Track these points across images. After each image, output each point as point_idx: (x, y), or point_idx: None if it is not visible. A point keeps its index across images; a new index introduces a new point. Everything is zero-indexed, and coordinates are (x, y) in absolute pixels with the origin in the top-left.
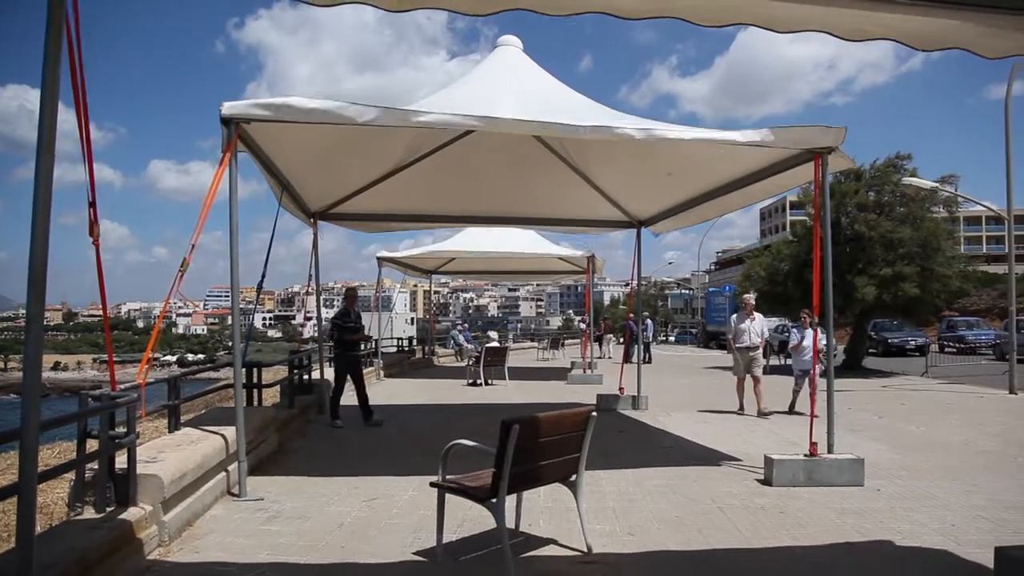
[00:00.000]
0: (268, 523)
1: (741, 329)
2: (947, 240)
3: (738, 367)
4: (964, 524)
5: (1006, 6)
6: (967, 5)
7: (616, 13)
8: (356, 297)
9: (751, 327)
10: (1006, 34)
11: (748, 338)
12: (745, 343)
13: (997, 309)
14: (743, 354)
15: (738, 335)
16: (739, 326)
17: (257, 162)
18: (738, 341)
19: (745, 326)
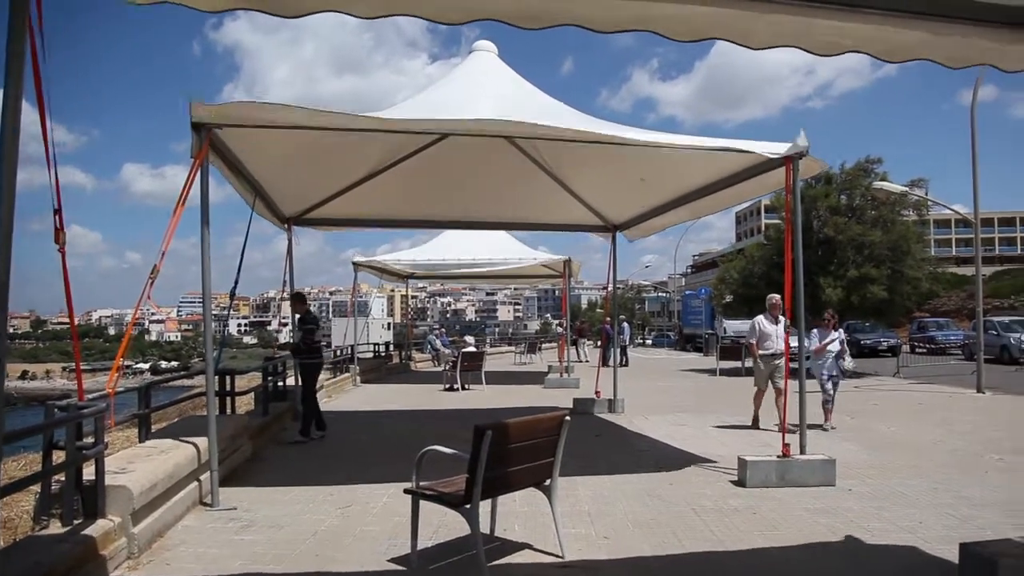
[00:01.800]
0: (241, 532)
1: (767, 333)
2: (917, 243)
3: (760, 376)
4: (932, 521)
5: (968, 17)
6: (932, 16)
7: (590, 26)
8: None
9: (778, 331)
10: (968, 44)
11: (774, 344)
12: (771, 349)
13: (966, 310)
14: (767, 362)
15: (763, 340)
16: (764, 329)
17: (227, 169)
18: (762, 347)
19: (771, 330)
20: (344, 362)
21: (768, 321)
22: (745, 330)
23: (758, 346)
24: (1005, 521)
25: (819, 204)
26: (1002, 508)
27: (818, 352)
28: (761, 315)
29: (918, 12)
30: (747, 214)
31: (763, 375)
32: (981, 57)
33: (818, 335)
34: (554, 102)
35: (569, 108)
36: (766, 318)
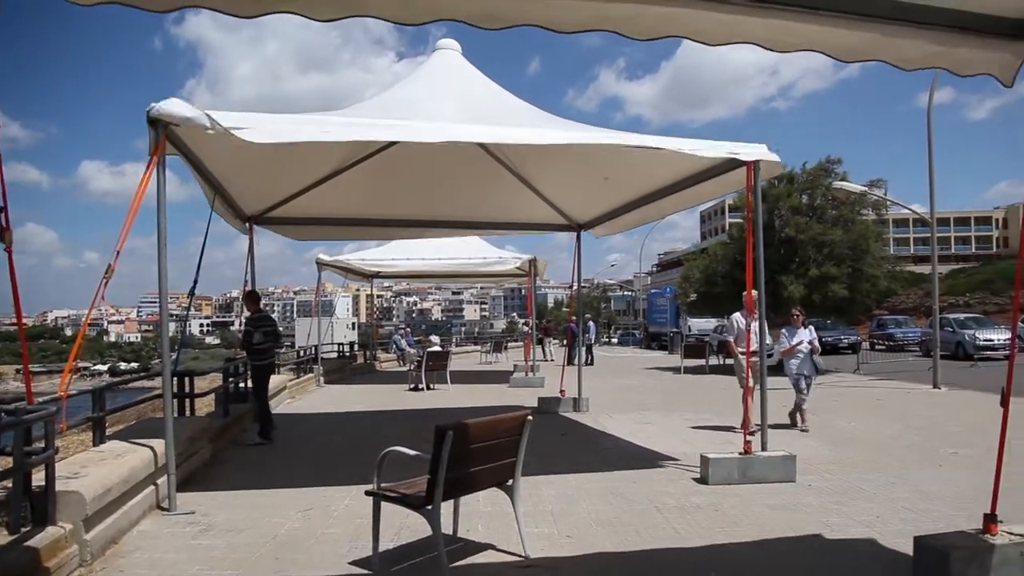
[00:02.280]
0: (199, 537)
1: (743, 331)
2: (876, 242)
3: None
4: (889, 515)
5: (919, 20)
6: (885, 19)
7: (550, 26)
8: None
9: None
10: (919, 47)
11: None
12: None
13: (923, 308)
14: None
15: (741, 338)
16: (742, 327)
17: (189, 165)
18: (741, 345)
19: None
20: (307, 362)
21: (745, 317)
22: (709, 328)
23: (737, 344)
24: (958, 513)
25: (781, 204)
26: (955, 501)
27: (787, 352)
28: (738, 312)
29: (871, 15)
30: (711, 213)
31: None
32: (934, 61)
33: (787, 334)
34: (518, 102)
35: (533, 108)
36: (743, 315)
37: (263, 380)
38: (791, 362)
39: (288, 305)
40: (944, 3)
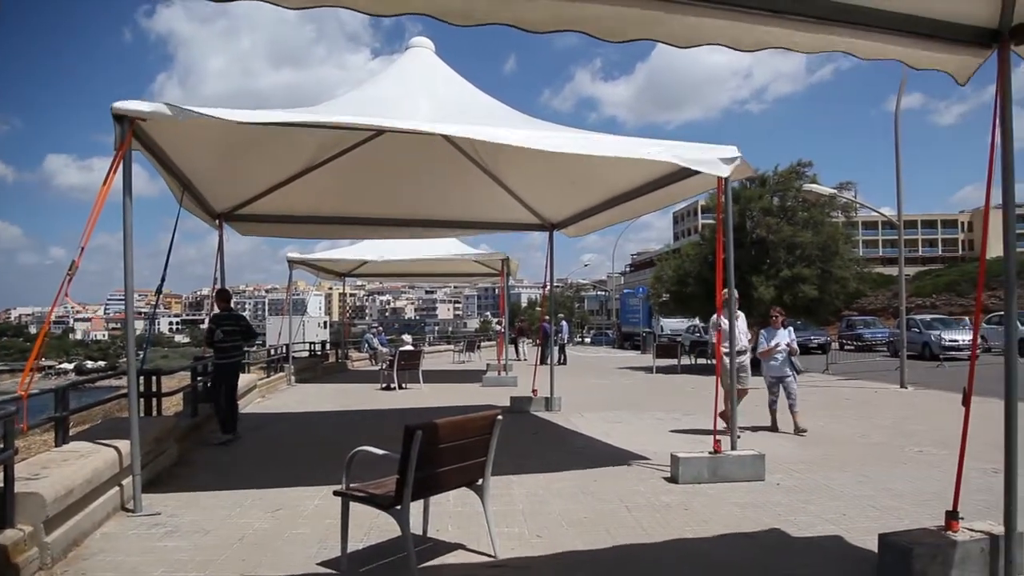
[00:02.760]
0: (164, 539)
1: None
2: (845, 244)
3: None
4: (855, 513)
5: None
6: (847, 23)
7: (521, 26)
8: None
9: (740, 327)
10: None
11: (738, 340)
12: (736, 347)
13: (891, 308)
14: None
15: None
16: (725, 327)
17: (155, 161)
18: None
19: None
20: (278, 361)
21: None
22: (681, 328)
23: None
24: (922, 511)
25: (753, 205)
26: (920, 499)
27: (765, 354)
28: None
29: (836, 20)
30: (684, 214)
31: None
32: (891, 55)
33: (766, 335)
34: (491, 101)
35: (507, 107)
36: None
37: (223, 379)
38: (769, 364)
39: (260, 303)
40: (906, 10)
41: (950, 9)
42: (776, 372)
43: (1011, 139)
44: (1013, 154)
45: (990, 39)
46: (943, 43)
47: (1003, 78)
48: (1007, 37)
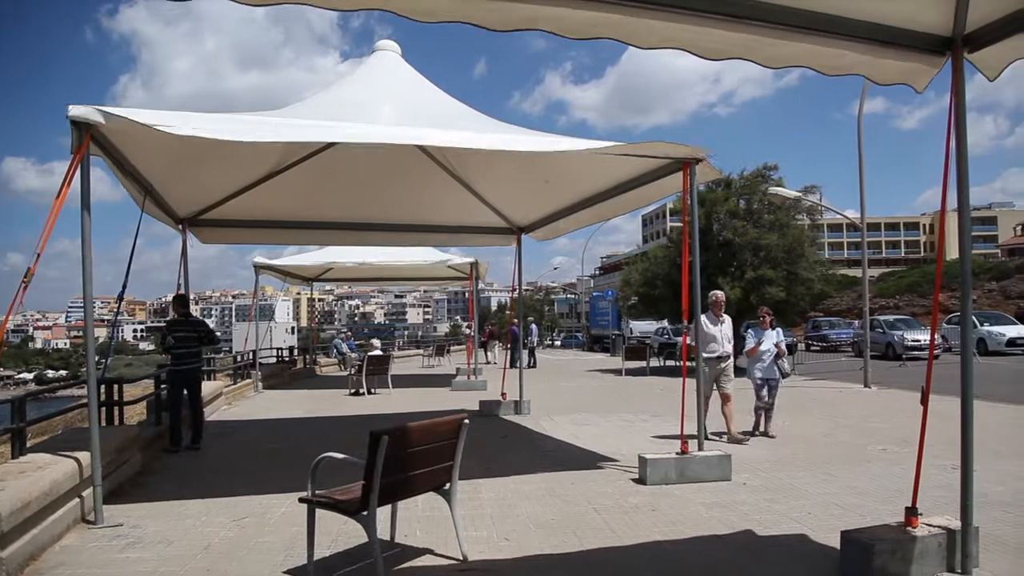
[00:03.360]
0: (126, 550)
1: (710, 334)
2: (810, 246)
3: (720, 380)
4: (819, 511)
5: (843, 33)
6: (812, 30)
7: (481, 24)
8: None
9: (722, 331)
10: (843, 56)
11: (720, 345)
12: (716, 352)
13: (856, 309)
14: (712, 365)
15: (706, 341)
16: (707, 330)
17: (114, 166)
18: (706, 349)
19: (715, 330)
20: (245, 368)
21: (711, 321)
22: (650, 331)
23: (701, 348)
24: (884, 508)
25: (719, 208)
26: (882, 495)
27: (751, 353)
28: (704, 315)
29: (797, 27)
30: (653, 217)
31: (708, 380)
32: (855, 68)
33: (754, 336)
34: (458, 104)
35: (473, 111)
36: (708, 317)
37: (179, 386)
38: (755, 365)
39: (226, 309)
40: (865, 17)
41: (906, 17)
42: (765, 374)
43: (965, 144)
44: (967, 159)
45: (944, 47)
46: (900, 50)
47: (957, 84)
48: (960, 44)
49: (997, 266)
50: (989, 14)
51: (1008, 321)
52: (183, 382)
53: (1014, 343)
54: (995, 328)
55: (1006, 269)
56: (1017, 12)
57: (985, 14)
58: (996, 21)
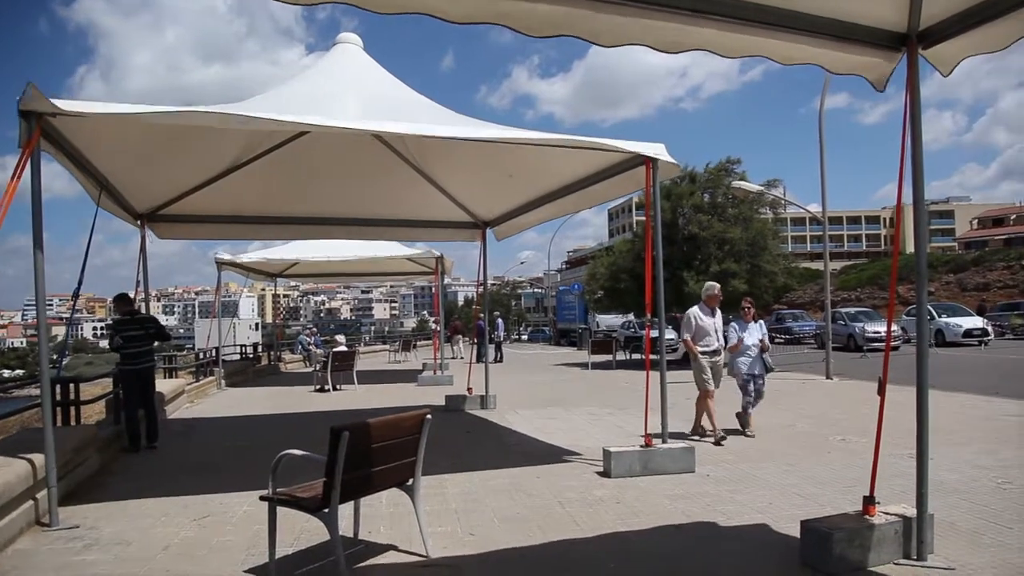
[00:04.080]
0: (83, 552)
1: (704, 327)
2: (773, 239)
3: (714, 377)
4: (780, 501)
5: (801, 28)
6: (766, 24)
7: (440, 15)
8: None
9: (716, 324)
10: (800, 49)
11: (714, 339)
12: (711, 346)
13: (819, 302)
14: (711, 360)
15: (700, 335)
16: (701, 323)
17: (67, 160)
18: (701, 343)
19: (708, 323)
20: (208, 365)
21: (704, 313)
22: (616, 324)
23: (696, 342)
24: (843, 497)
25: (684, 202)
26: (842, 485)
27: (735, 349)
28: (695, 307)
29: (754, 21)
30: (619, 211)
31: (706, 373)
32: (811, 59)
33: (738, 329)
34: (420, 98)
35: (436, 105)
36: (702, 310)
37: (131, 387)
38: (739, 360)
39: (189, 306)
40: (821, 12)
41: (861, 12)
42: (750, 370)
43: (920, 139)
44: (922, 153)
45: (899, 43)
46: (856, 45)
47: (912, 80)
48: (915, 41)
49: (954, 259)
50: (943, 11)
51: (965, 313)
52: (136, 382)
53: (970, 334)
54: (952, 320)
55: (963, 262)
56: (970, 9)
57: (939, 11)
58: (950, 18)
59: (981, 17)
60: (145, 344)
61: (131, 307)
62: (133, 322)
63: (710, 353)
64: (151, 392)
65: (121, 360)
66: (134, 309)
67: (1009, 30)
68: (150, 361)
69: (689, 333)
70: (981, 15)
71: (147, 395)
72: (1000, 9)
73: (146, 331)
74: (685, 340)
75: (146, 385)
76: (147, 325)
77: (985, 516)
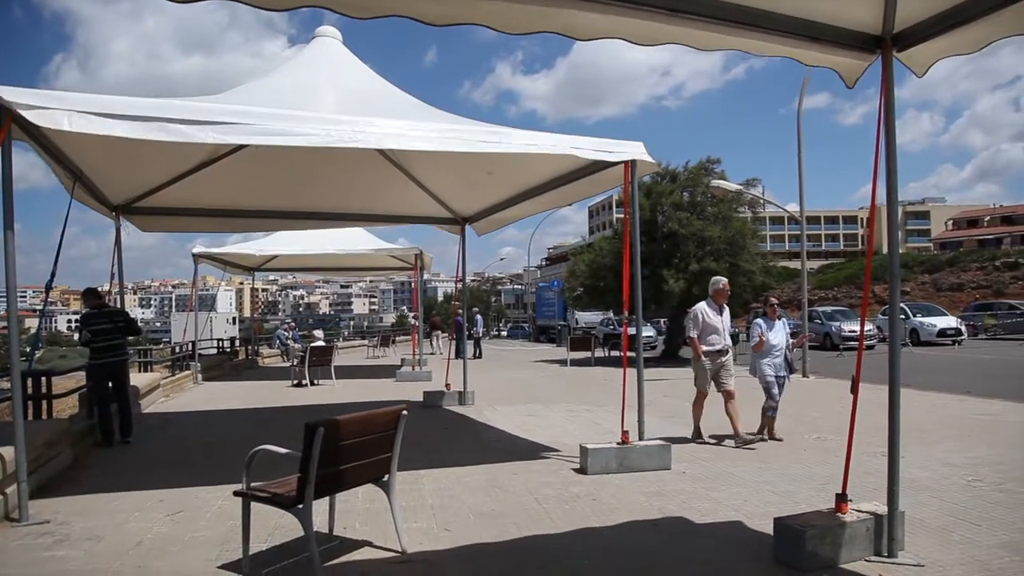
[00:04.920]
0: (53, 548)
1: (711, 325)
2: (752, 238)
3: (703, 377)
4: (755, 499)
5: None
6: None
7: (418, 18)
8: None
9: (724, 322)
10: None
11: (721, 338)
12: (716, 344)
13: (796, 301)
14: (712, 359)
15: (707, 333)
16: (708, 320)
17: (41, 150)
18: (707, 342)
19: (716, 321)
20: (184, 359)
21: (712, 310)
22: (596, 321)
23: (701, 340)
24: (817, 495)
25: (664, 200)
26: (816, 482)
27: (758, 348)
28: (703, 303)
29: (728, 20)
30: (600, 208)
31: (706, 375)
32: (784, 54)
33: (764, 327)
34: (398, 92)
35: (414, 99)
36: (710, 306)
37: (101, 381)
38: (764, 362)
39: (166, 299)
40: (795, 13)
41: (837, 14)
42: (776, 372)
43: (894, 140)
44: (896, 154)
45: (874, 45)
46: (831, 46)
47: (886, 82)
48: (889, 43)
49: (929, 259)
50: (917, 13)
51: (939, 312)
52: (106, 376)
53: (944, 333)
54: (927, 319)
55: (938, 262)
56: (944, 12)
57: (913, 13)
58: (925, 20)
59: (956, 20)
60: (115, 338)
61: (100, 300)
62: (102, 315)
63: (715, 353)
64: (124, 386)
65: (91, 354)
66: (103, 303)
67: (983, 33)
68: (122, 355)
69: (696, 331)
70: (956, 18)
71: (120, 389)
72: (975, 12)
73: (115, 325)
74: (690, 338)
75: (118, 379)
76: (116, 319)
77: (955, 513)
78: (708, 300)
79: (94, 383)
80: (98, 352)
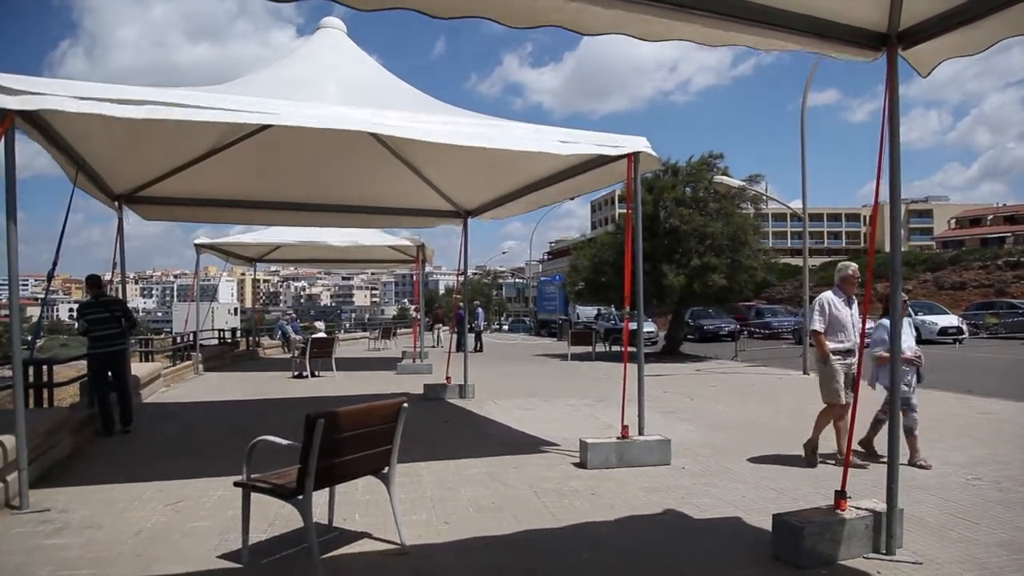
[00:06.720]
0: (53, 536)
1: (839, 318)
2: (753, 235)
3: (832, 384)
4: (754, 495)
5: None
6: (749, 21)
7: (423, 10)
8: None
9: (853, 316)
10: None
11: (849, 334)
12: (845, 343)
13: (798, 298)
14: (842, 359)
15: (835, 328)
16: (836, 312)
17: (43, 139)
18: (833, 338)
19: (844, 314)
20: (185, 349)
21: (840, 301)
22: (592, 316)
23: (827, 336)
24: (816, 492)
25: (666, 195)
26: (815, 480)
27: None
28: (828, 291)
29: (735, 17)
30: (602, 203)
31: (839, 381)
32: (790, 49)
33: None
34: (401, 84)
35: (418, 91)
36: (837, 295)
37: (97, 371)
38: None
39: (168, 289)
40: (802, 10)
41: (843, 12)
42: (907, 382)
43: (898, 138)
44: (900, 151)
45: (880, 42)
46: (837, 43)
47: (891, 79)
48: (895, 41)
49: (932, 258)
50: (923, 12)
51: (941, 311)
52: (104, 365)
53: (946, 332)
54: (928, 317)
55: (940, 261)
56: (950, 11)
57: (919, 12)
58: (929, 19)
59: (961, 18)
60: (112, 327)
61: (101, 289)
62: (98, 305)
63: (843, 352)
64: (124, 375)
65: (89, 343)
66: (102, 292)
67: (989, 31)
68: (120, 344)
69: (822, 324)
70: (962, 16)
71: (120, 378)
72: (981, 10)
73: (112, 314)
74: (815, 333)
75: (117, 369)
76: (112, 308)
77: (953, 511)
78: (835, 288)
79: (92, 372)
80: (95, 341)
